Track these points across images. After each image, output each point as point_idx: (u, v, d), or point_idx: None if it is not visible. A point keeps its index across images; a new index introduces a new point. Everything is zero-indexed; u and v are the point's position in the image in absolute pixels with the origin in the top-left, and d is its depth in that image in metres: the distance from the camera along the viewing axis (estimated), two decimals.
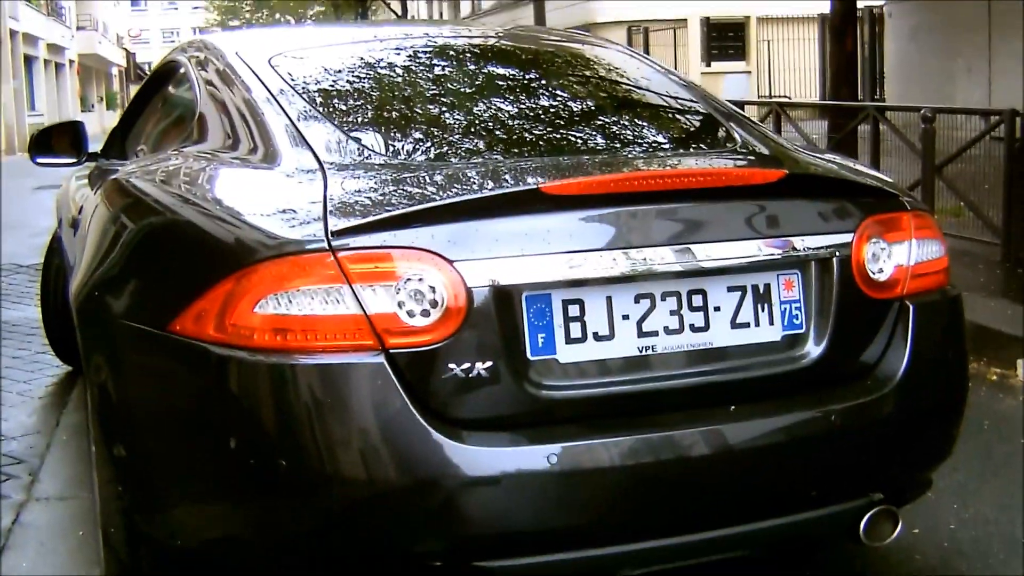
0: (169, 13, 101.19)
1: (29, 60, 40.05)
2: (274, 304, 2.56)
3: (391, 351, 2.57)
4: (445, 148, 3.25)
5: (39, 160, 4.98)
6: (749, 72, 31.34)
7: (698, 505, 2.80)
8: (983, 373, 6.03)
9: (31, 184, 19.95)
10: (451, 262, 2.59)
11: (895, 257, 3.07)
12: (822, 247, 2.95)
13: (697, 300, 2.85)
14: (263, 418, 2.60)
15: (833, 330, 2.95)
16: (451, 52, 4.02)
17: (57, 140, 4.96)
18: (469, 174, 2.99)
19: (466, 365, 2.60)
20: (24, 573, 3.70)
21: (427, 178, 2.94)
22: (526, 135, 3.41)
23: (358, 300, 2.56)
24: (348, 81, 3.63)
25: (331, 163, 2.99)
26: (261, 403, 2.61)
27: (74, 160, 4.98)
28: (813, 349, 2.94)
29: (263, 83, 3.46)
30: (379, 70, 3.77)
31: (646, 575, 2.91)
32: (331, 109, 3.36)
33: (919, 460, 3.17)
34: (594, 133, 3.53)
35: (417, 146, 3.26)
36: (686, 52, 30.96)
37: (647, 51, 30.72)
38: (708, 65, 31.30)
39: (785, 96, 27.33)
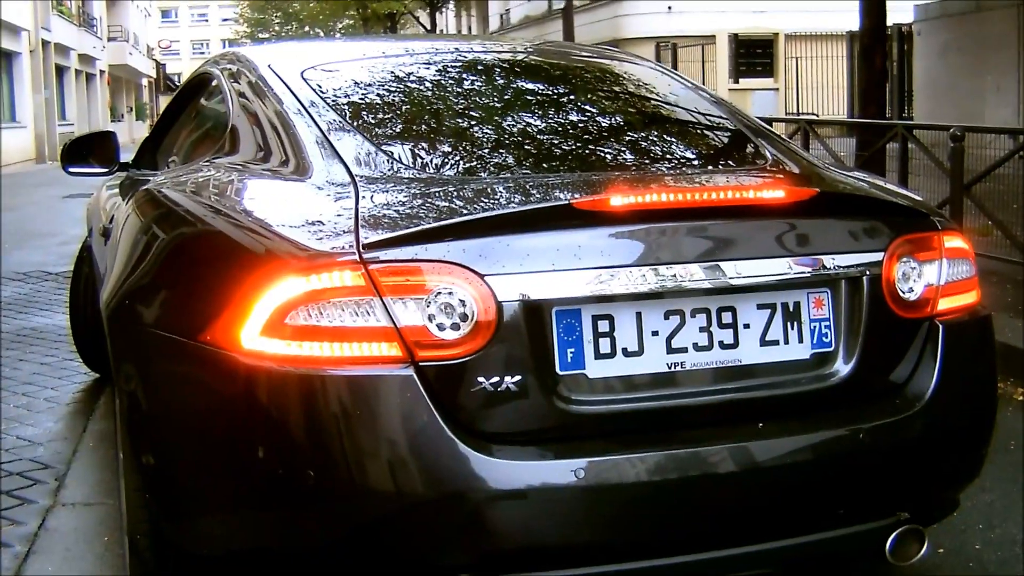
0: (199, 25, 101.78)
1: (60, 70, 40.36)
2: (304, 315, 2.57)
3: (420, 364, 2.57)
4: (475, 162, 3.26)
5: (71, 169, 5.01)
6: (777, 89, 31.31)
7: (724, 522, 2.79)
8: (1010, 393, 5.99)
9: (60, 193, 20.08)
10: (482, 276, 2.59)
11: (925, 276, 3.06)
12: (852, 265, 2.94)
13: (727, 317, 2.84)
14: (292, 429, 2.60)
15: (862, 349, 2.94)
16: (481, 67, 4.04)
17: (89, 150, 5.01)
18: (499, 189, 3.00)
19: (495, 379, 2.60)
20: None
21: (458, 192, 2.95)
22: (556, 150, 3.41)
23: (388, 313, 2.57)
24: (379, 95, 3.66)
25: (362, 176, 3.00)
26: (290, 414, 2.60)
27: (106, 170, 5.02)
28: (842, 367, 2.93)
29: (295, 96, 3.48)
30: (410, 84, 3.78)
31: None
32: (362, 122, 3.38)
33: (947, 480, 3.16)
34: (624, 149, 3.53)
35: (447, 160, 3.26)
36: (714, 68, 30.95)
37: (675, 67, 30.73)
38: (736, 81, 31.30)
39: (813, 113, 27.28)
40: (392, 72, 3.86)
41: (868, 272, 2.95)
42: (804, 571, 3.52)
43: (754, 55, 32.30)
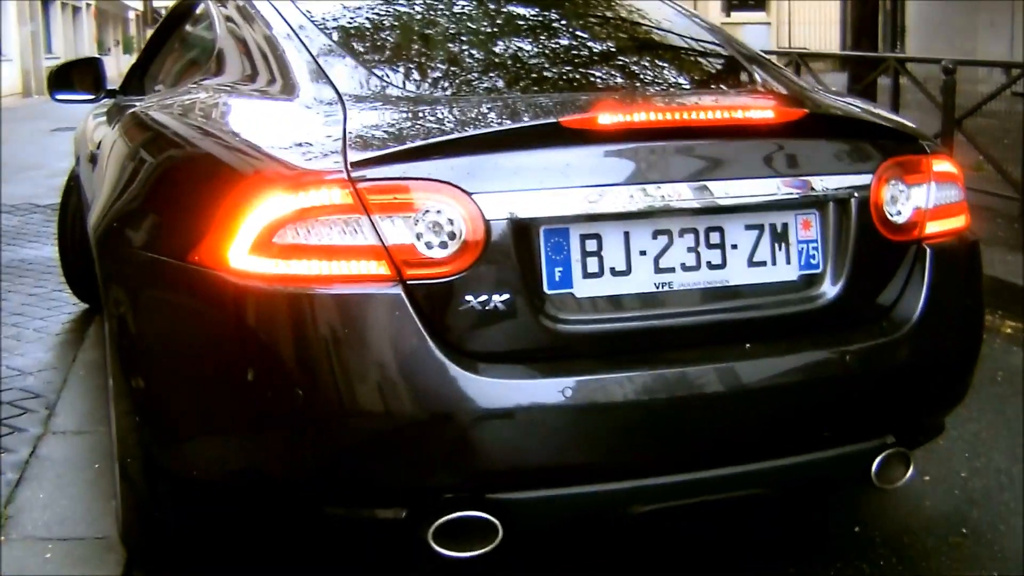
0: None
1: (46, 3, 39.91)
2: (292, 234, 2.56)
3: (408, 282, 2.57)
4: (465, 83, 3.24)
5: (58, 96, 5.02)
6: (769, 23, 31.14)
7: (711, 442, 2.81)
8: (998, 326, 6.03)
9: (48, 126, 19.97)
10: (470, 195, 2.59)
11: (913, 199, 3.05)
12: (841, 187, 2.94)
13: (715, 237, 2.84)
14: (280, 348, 2.61)
15: (850, 271, 2.94)
16: None
17: (76, 76, 4.99)
18: (489, 108, 2.99)
19: (483, 298, 2.60)
20: (41, 504, 3.72)
21: (447, 112, 2.94)
22: (546, 72, 3.41)
23: (376, 231, 2.56)
24: (368, 17, 3.63)
25: (350, 95, 2.99)
26: (278, 333, 2.61)
27: (92, 96, 5.02)
28: (830, 289, 2.94)
29: (283, 17, 3.46)
30: (400, 6, 3.77)
31: (658, 511, 2.92)
32: (351, 43, 3.36)
33: (932, 404, 3.18)
34: (614, 71, 3.53)
35: (437, 81, 3.25)
36: (706, 2, 30.74)
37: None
38: (728, 15, 31.15)
39: (805, 47, 27.16)
40: None
41: (856, 194, 2.95)
42: (796, 494, 3.56)
43: None
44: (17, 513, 3.66)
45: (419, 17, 3.70)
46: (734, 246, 2.86)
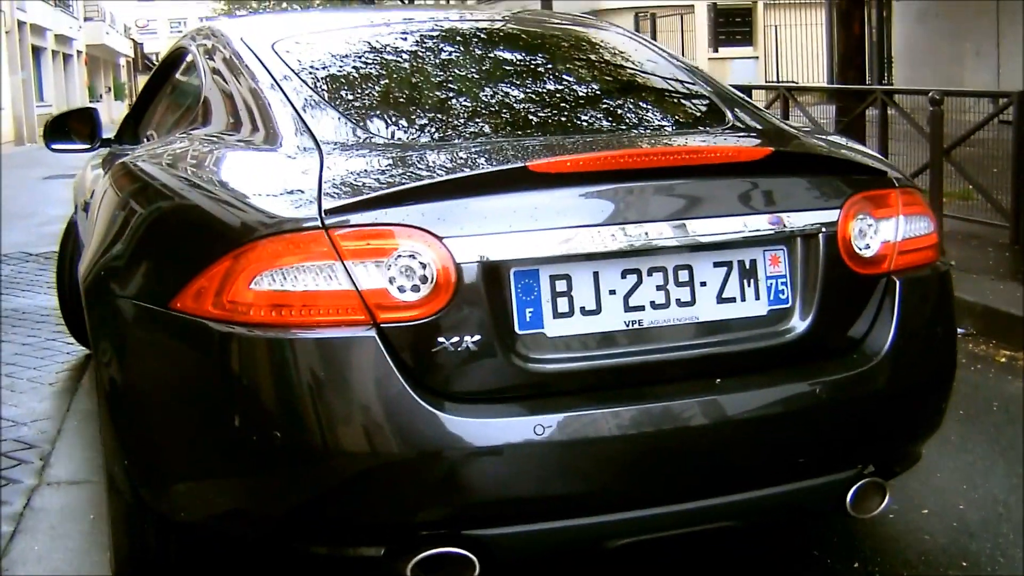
0: (176, 3, 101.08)
1: (37, 51, 40.07)
2: (269, 280, 2.63)
3: (382, 325, 2.63)
4: (440, 128, 3.33)
5: (54, 146, 5.08)
6: (757, 57, 31.29)
7: (682, 477, 2.87)
8: (992, 355, 6.02)
9: (40, 174, 20.02)
10: (440, 239, 2.66)
11: (882, 233, 3.10)
12: (808, 223, 2.99)
13: (683, 275, 2.90)
14: (258, 391, 2.67)
15: (819, 305, 2.99)
16: (449, 36, 4.10)
17: (72, 126, 5.05)
18: (461, 153, 3.06)
19: (455, 339, 2.67)
20: (36, 557, 3.71)
21: (419, 157, 3.02)
22: (520, 116, 3.49)
23: (350, 276, 2.63)
24: (348, 65, 3.72)
25: (328, 144, 3.07)
26: (257, 377, 2.68)
27: (88, 146, 5.07)
28: (799, 324, 2.99)
29: (266, 68, 3.54)
30: (378, 54, 3.85)
31: (634, 544, 2.96)
32: (331, 92, 3.45)
33: (906, 433, 3.22)
34: (588, 113, 3.59)
35: (413, 127, 3.33)
36: (693, 38, 30.87)
37: (654, 37, 30.64)
38: (715, 51, 31.25)
39: (792, 81, 27.29)
40: (361, 42, 3.91)
41: (823, 229, 3.00)
42: (772, 524, 3.55)
43: (733, 24, 32.26)
44: (11, 566, 3.65)
45: (397, 66, 3.79)
46: (703, 283, 2.92)
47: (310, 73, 3.55)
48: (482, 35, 4.17)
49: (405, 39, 4.02)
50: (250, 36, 3.86)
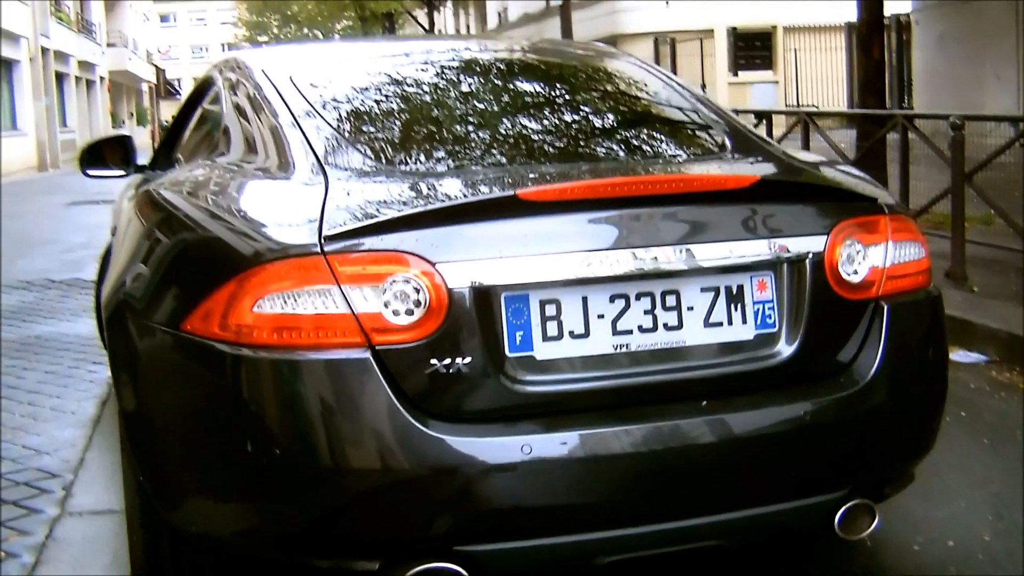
0: (198, 29, 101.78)
1: (60, 77, 40.36)
2: (270, 304, 2.76)
3: (377, 348, 2.74)
4: (444, 158, 3.42)
5: (90, 172, 5.18)
6: (776, 82, 31.31)
7: (670, 496, 2.94)
8: (1016, 383, 5.99)
9: (64, 200, 20.15)
10: (433, 264, 2.77)
11: (870, 259, 3.15)
12: (794, 249, 3.06)
13: (671, 300, 2.98)
14: (258, 411, 2.79)
15: (806, 329, 3.05)
16: (459, 66, 4.22)
17: (107, 153, 5.16)
18: (457, 181, 3.18)
19: (447, 361, 2.77)
20: None
21: (419, 186, 3.11)
22: (522, 145, 3.59)
23: (347, 300, 2.74)
24: (360, 95, 3.84)
25: (335, 173, 3.17)
26: (257, 396, 2.80)
27: (123, 172, 5.19)
28: (785, 348, 3.05)
29: (283, 98, 3.65)
30: (390, 85, 3.96)
31: (623, 562, 3.03)
32: (342, 122, 3.55)
33: (893, 456, 3.25)
34: (589, 142, 3.68)
35: (419, 156, 3.43)
36: (713, 62, 30.94)
37: (674, 61, 30.73)
38: (735, 75, 31.29)
39: (813, 105, 27.27)
40: (374, 74, 4.04)
41: (810, 255, 3.07)
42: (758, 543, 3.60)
43: (753, 48, 32.29)
44: None
45: (406, 96, 3.90)
46: (690, 308, 2.99)
47: (324, 104, 3.64)
48: (490, 65, 4.25)
49: (416, 69, 4.13)
50: (271, 67, 3.97)
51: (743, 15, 31.60)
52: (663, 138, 3.85)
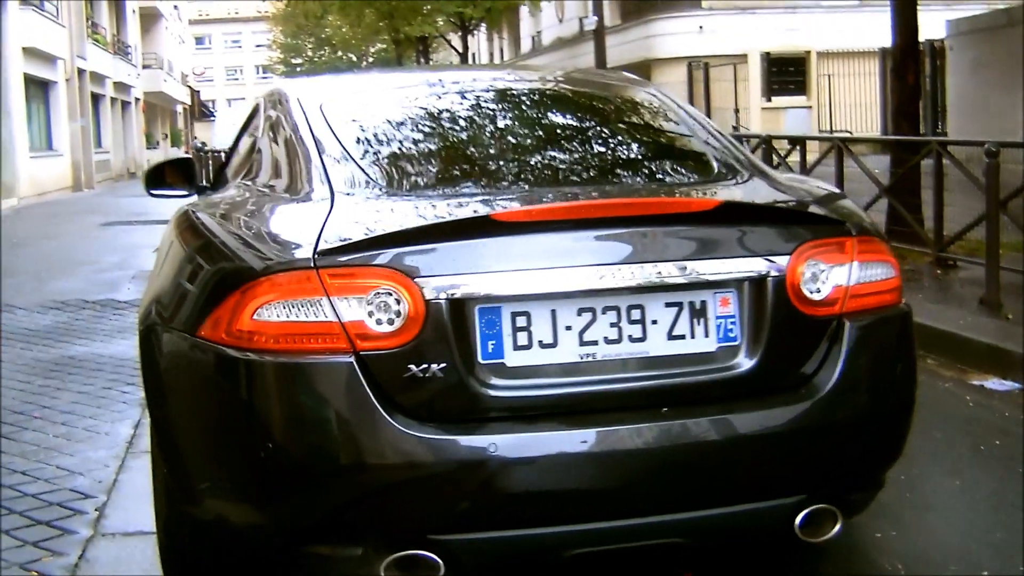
0: (233, 51, 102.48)
1: (96, 98, 40.70)
2: (268, 312, 3.04)
3: (360, 353, 3.01)
4: (440, 182, 3.71)
5: (154, 192, 5.42)
6: (810, 107, 31.23)
7: (632, 494, 3.14)
8: None
9: (98, 220, 20.27)
10: (412, 278, 3.03)
11: (834, 278, 3.32)
12: (756, 269, 3.24)
13: (636, 314, 3.19)
14: (254, 409, 3.08)
15: (767, 344, 3.24)
16: (466, 96, 4.41)
17: (170, 174, 5.40)
18: (445, 204, 3.43)
19: (424, 366, 3.03)
20: None
21: (409, 207, 3.38)
22: (516, 171, 3.83)
23: (334, 310, 3.02)
24: (378, 123, 4.10)
25: (341, 194, 3.47)
26: (254, 396, 3.08)
27: (185, 192, 5.37)
28: (746, 361, 3.24)
29: (309, 126, 3.94)
30: (406, 112, 4.22)
31: (590, 555, 3.23)
32: (356, 148, 3.81)
33: (853, 465, 3.40)
34: (576, 167, 3.91)
35: (418, 179, 3.73)
36: (746, 87, 30.91)
37: (707, 86, 30.72)
38: (768, 100, 31.25)
39: (846, 130, 27.19)
40: (393, 103, 4.33)
41: (772, 275, 3.25)
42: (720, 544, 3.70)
43: (786, 73, 32.22)
44: None
45: (417, 123, 4.16)
46: (654, 321, 3.20)
47: (344, 131, 3.90)
48: (499, 95, 4.47)
49: (432, 99, 4.36)
50: (304, 96, 4.23)
51: (777, 40, 31.58)
52: (655, 164, 4.06)
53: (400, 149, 3.93)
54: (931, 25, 12.64)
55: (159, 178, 5.39)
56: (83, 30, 37.31)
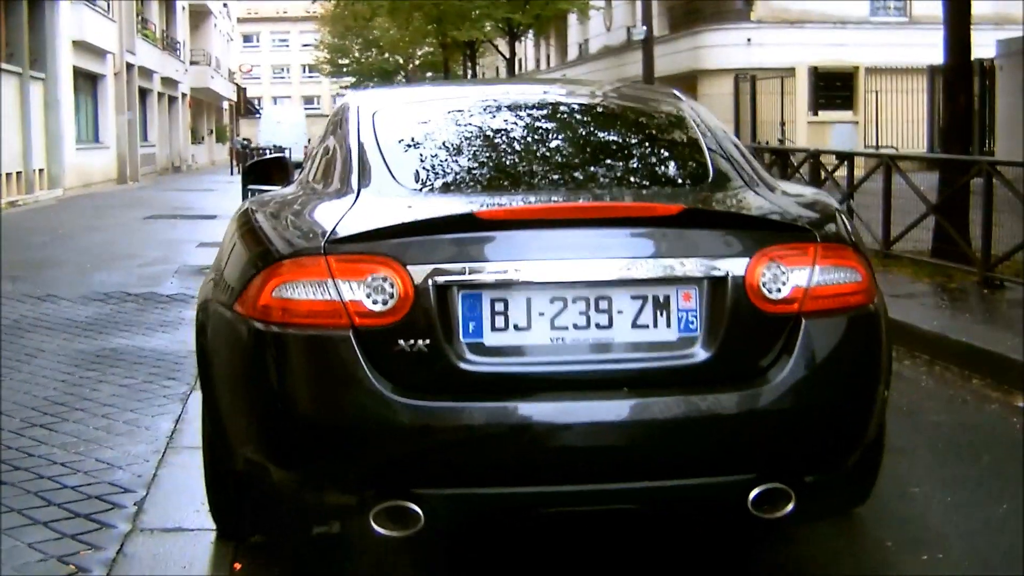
0: (280, 50, 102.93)
1: (144, 93, 41.01)
2: (284, 291, 3.57)
3: (358, 328, 3.50)
4: (452, 183, 4.21)
5: (251, 188, 5.72)
6: (856, 122, 30.98)
7: (593, 461, 3.55)
8: None
9: (142, 214, 20.42)
10: (404, 265, 3.50)
11: (793, 280, 3.64)
12: (718, 269, 3.59)
13: (603, 304, 3.59)
14: (269, 372, 3.62)
15: (724, 336, 3.59)
16: (496, 108, 4.92)
17: (267, 171, 5.79)
18: (447, 201, 3.95)
19: (412, 342, 3.49)
20: None
21: (416, 204, 3.87)
22: (522, 176, 4.28)
23: (338, 290, 3.52)
24: (415, 131, 4.55)
25: (366, 194, 4.00)
26: (271, 361, 3.61)
27: (281, 188, 5.56)
28: (705, 350, 3.59)
29: (358, 132, 4.45)
30: (440, 122, 4.69)
31: (561, 515, 3.88)
32: (391, 151, 4.30)
33: (805, 451, 3.72)
34: (573, 174, 4.29)
35: (432, 181, 4.20)
36: (793, 100, 30.70)
37: (754, 99, 30.60)
38: (815, 114, 31.03)
39: (892, 147, 27.00)
40: (435, 112, 4.84)
41: (731, 274, 3.59)
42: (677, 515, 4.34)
43: (833, 88, 31.95)
44: None
45: (449, 130, 4.64)
46: (620, 311, 3.59)
47: (386, 137, 4.38)
48: (526, 107, 4.92)
49: (468, 109, 4.83)
50: (364, 105, 4.74)
51: (825, 55, 31.37)
52: (656, 172, 4.44)
53: (425, 154, 4.37)
54: (981, 44, 12.48)
55: (257, 175, 5.78)
56: (133, 25, 37.64)
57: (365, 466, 3.56)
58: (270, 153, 33.21)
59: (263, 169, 5.80)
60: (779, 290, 3.60)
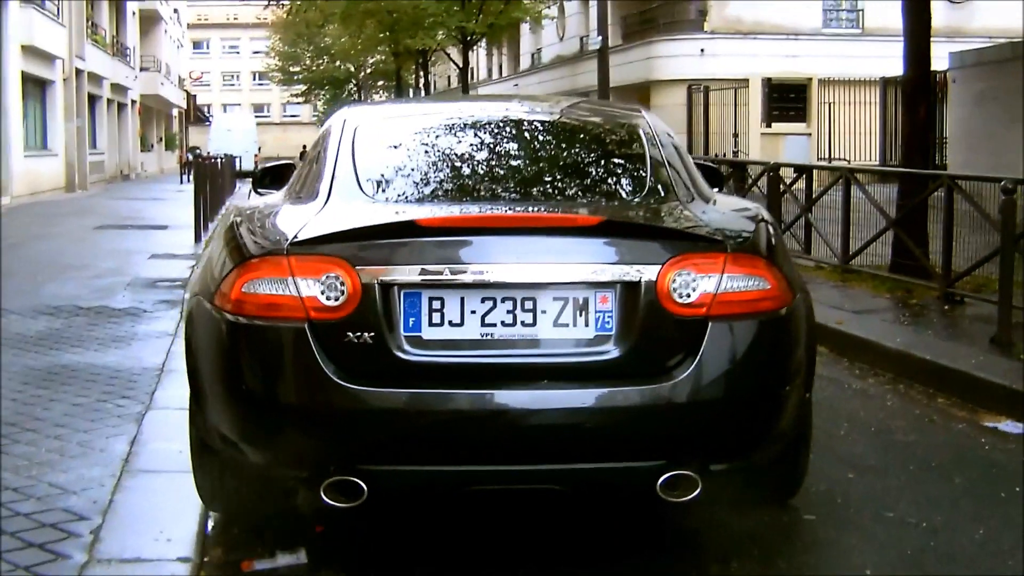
0: (230, 57, 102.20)
1: (93, 99, 40.47)
2: (251, 287, 4.05)
3: (312, 320, 3.97)
4: (411, 192, 4.61)
5: (260, 191, 6.04)
6: (809, 134, 31.20)
7: (516, 444, 3.98)
8: None
9: (92, 223, 20.06)
10: (353, 266, 3.97)
11: (703, 286, 4.01)
12: (632, 274, 3.98)
13: (528, 304, 4.01)
14: (237, 358, 4.14)
15: (636, 336, 3.98)
16: (463, 124, 5.26)
17: (276, 177, 6.03)
18: (394, 209, 4.39)
19: (358, 334, 3.95)
20: None
21: (371, 211, 4.32)
22: (470, 187, 4.68)
23: (296, 287, 3.98)
24: (389, 143, 4.98)
25: (334, 201, 4.47)
26: (240, 349, 4.12)
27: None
28: (618, 347, 3.99)
29: (338, 144, 4.87)
30: (412, 136, 5.07)
31: (494, 493, 4.45)
32: (364, 164, 4.73)
33: (710, 441, 4.11)
34: (521, 186, 4.69)
35: (394, 190, 4.62)
36: (746, 112, 30.85)
37: (707, 109, 30.70)
38: (768, 125, 31.23)
39: (844, 159, 27.16)
40: (411, 127, 5.25)
41: (644, 280, 3.98)
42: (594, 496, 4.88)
43: (787, 99, 32.19)
44: None
45: (417, 144, 4.99)
46: (543, 311, 4.01)
47: (362, 149, 4.81)
48: (489, 124, 5.21)
49: (440, 125, 5.23)
50: (349, 120, 5.11)
51: (779, 66, 31.55)
52: (596, 185, 4.78)
53: (390, 166, 4.79)
54: (933, 57, 12.49)
55: (267, 180, 6.09)
56: (83, 30, 37.13)
57: (317, 444, 4.05)
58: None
59: (275, 174, 6.07)
60: (688, 295, 3.99)
